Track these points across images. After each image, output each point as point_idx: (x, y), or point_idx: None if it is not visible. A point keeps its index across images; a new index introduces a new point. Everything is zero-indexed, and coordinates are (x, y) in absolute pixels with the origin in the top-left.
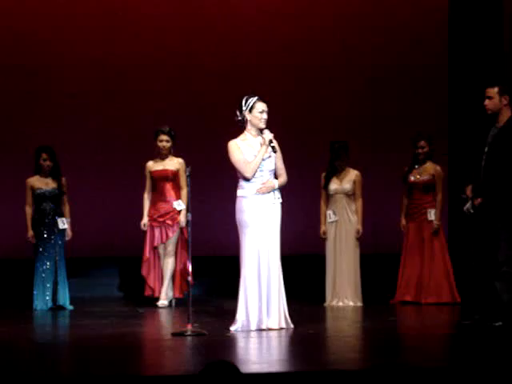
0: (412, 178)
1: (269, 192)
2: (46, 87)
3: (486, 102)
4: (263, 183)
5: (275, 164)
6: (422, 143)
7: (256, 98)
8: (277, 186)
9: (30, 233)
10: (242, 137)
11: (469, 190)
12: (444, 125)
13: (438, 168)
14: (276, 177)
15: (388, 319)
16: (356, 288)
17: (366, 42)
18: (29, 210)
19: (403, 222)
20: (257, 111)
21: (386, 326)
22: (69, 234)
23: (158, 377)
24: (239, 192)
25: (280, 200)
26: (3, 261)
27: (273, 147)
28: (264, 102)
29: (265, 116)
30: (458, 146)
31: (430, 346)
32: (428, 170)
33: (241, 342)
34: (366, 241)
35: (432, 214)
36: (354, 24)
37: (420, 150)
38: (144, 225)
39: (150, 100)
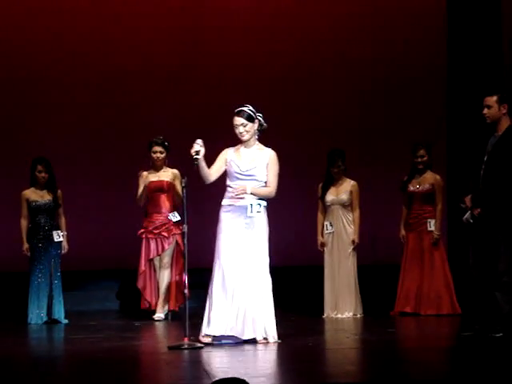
0: (411, 188)
1: (242, 196)
2: (41, 99)
3: (485, 110)
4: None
5: (267, 176)
6: (422, 152)
7: (235, 111)
8: (248, 191)
9: (26, 246)
10: (238, 146)
11: (468, 200)
12: (442, 134)
13: (438, 177)
14: None
15: (387, 331)
16: (354, 299)
17: (365, 52)
18: (24, 223)
19: (402, 232)
20: (235, 126)
21: (386, 337)
22: (65, 247)
23: None
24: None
25: (260, 213)
26: None
27: (195, 159)
28: (240, 115)
29: (241, 130)
30: (456, 155)
31: (430, 358)
32: (428, 180)
33: (237, 356)
34: (365, 252)
35: (432, 225)
36: (353, 35)
37: (419, 159)
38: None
39: (145, 111)
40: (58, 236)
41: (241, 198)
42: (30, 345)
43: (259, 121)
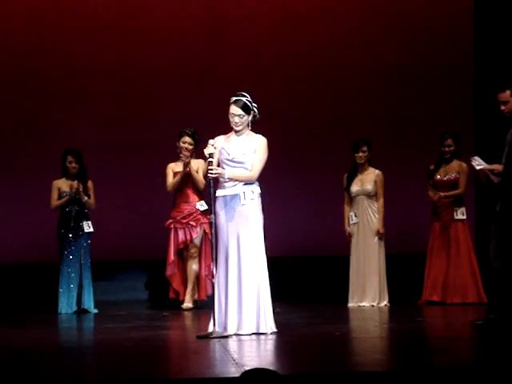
0: (438, 177)
1: (219, 178)
2: (72, 91)
3: (502, 107)
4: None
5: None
6: (449, 142)
7: (233, 100)
8: (226, 176)
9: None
10: (229, 134)
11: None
12: (470, 123)
13: (464, 165)
14: None
15: (414, 320)
16: (380, 288)
17: (390, 39)
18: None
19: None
20: (230, 115)
21: (413, 326)
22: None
23: (184, 380)
24: None
25: (253, 200)
26: (29, 265)
27: (209, 162)
28: (237, 104)
29: (236, 120)
30: (483, 145)
31: (457, 347)
32: (454, 169)
33: (265, 345)
34: (391, 241)
35: (459, 213)
36: (379, 22)
37: (447, 149)
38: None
39: (175, 100)
40: (88, 226)
41: (216, 177)
42: (61, 334)
43: (254, 112)
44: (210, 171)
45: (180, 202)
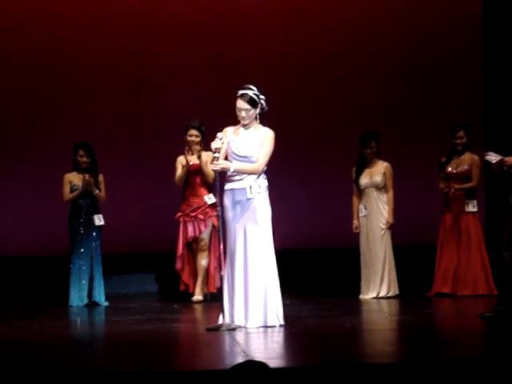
0: (449, 169)
1: (218, 168)
2: (82, 85)
3: None
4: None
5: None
6: (461, 134)
7: (239, 94)
8: (232, 169)
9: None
10: (237, 126)
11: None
12: (478, 115)
13: (476, 157)
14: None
15: (424, 312)
16: (390, 280)
17: (400, 34)
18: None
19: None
20: (237, 109)
21: (423, 318)
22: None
23: (194, 372)
24: None
25: (260, 193)
26: (40, 258)
27: (214, 157)
28: (243, 98)
29: (243, 114)
30: (494, 136)
31: (468, 339)
32: (466, 161)
33: (275, 337)
34: (401, 232)
35: (470, 206)
36: (386, 12)
37: (458, 141)
38: None
39: (184, 93)
40: (99, 220)
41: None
42: (72, 327)
43: (261, 104)
44: (213, 165)
45: (189, 195)
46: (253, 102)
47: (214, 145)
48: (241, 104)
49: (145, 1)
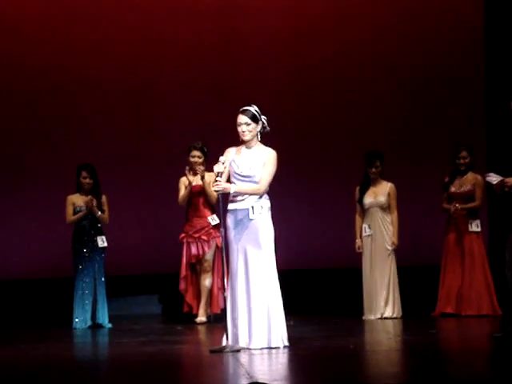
0: (453, 189)
1: (219, 188)
2: (83, 104)
3: None
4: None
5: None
6: (464, 154)
7: (240, 110)
8: (232, 190)
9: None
10: (240, 146)
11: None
12: (482, 135)
13: (479, 177)
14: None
15: (429, 332)
16: (394, 300)
17: (402, 53)
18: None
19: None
20: (238, 124)
21: (427, 339)
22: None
23: None
24: None
25: (262, 214)
26: (43, 280)
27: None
28: (244, 113)
29: (243, 128)
30: (496, 156)
31: (472, 360)
32: (469, 181)
33: (280, 358)
34: (405, 253)
35: (474, 225)
36: (391, 33)
37: (462, 161)
38: None
39: (187, 114)
40: (103, 241)
41: (221, 191)
42: (75, 349)
43: (263, 123)
44: (214, 187)
45: (192, 216)
46: (254, 118)
47: (216, 168)
48: (241, 119)
49: (147, 21)
